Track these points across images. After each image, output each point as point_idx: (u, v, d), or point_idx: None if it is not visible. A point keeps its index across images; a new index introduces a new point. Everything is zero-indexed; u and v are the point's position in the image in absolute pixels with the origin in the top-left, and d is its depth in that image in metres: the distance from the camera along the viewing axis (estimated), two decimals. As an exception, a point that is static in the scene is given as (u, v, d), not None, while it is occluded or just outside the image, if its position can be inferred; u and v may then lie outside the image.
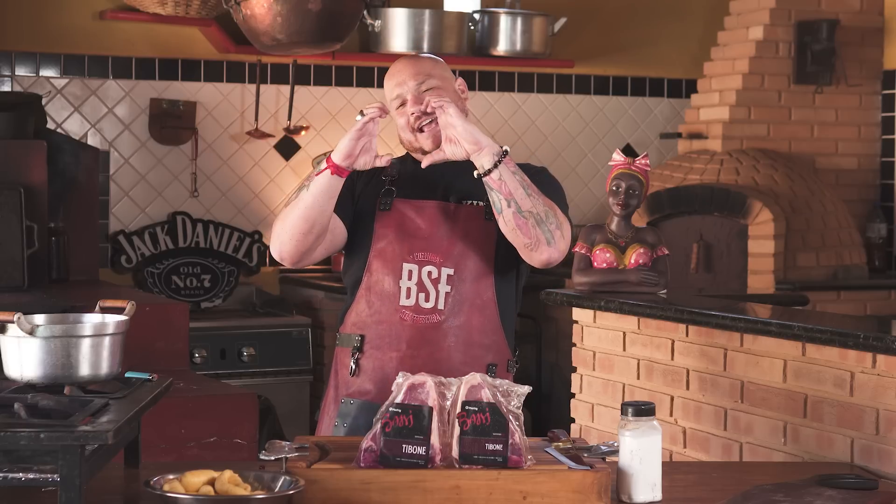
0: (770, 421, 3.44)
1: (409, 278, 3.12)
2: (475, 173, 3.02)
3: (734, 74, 6.66)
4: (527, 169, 3.18)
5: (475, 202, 3.16)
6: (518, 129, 6.94)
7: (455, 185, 3.18)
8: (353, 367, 3.16)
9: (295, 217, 3.04)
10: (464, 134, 3.01)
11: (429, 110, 3.08)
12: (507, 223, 3.02)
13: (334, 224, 3.12)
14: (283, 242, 3.07)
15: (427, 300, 3.11)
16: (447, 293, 3.11)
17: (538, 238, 3.04)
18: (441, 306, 3.11)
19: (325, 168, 3.01)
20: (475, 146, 3.01)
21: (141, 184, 6.23)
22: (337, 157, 3.00)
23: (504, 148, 3.04)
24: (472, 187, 3.13)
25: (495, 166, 3.00)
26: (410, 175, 3.21)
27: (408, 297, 3.11)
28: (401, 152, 3.32)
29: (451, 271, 3.12)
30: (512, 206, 3.00)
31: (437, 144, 3.11)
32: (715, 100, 6.72)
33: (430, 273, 3.12)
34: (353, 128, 2.99)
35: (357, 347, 3.15)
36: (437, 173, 3.17)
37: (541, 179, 3.17)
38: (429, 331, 3.10)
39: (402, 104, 3.18)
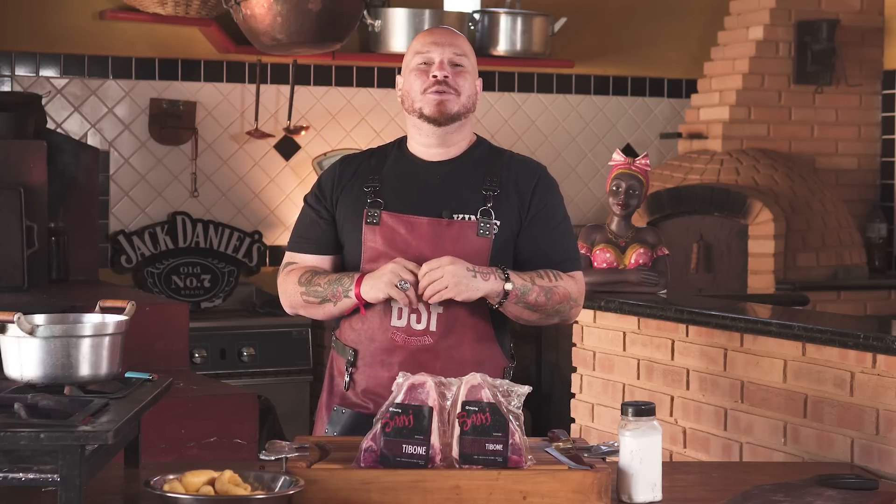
0: (770, 421, 3.44)
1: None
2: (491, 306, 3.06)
3: (734, 74, 6.66)
4: (525, 170, 3.15)
5: (467, 217, 3.07)
6: (518, 129, 6.94)
7: (446, 198, 3.10)
8: (348, 380, 3.14)
9: (316, 314, 3.15)
10: (468, 295, 3.00)
11: (432, 299, 2.99)
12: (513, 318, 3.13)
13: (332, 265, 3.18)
14: (300, 314, 3.21)
15: (419, 322, 3.05)
16: (439, 314, 3.05)
17: (551, 322, 3.16)
18: (433, 328, 3.05)
19: (355, 300, 3.04)
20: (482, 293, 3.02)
21: (141, 184, 6.23)
22: (370, 301, 3.03)
23: (506, 288, 3.01)
24: (463, 198, 3.08)
25: (499, 305, 3.04)
26: (396, 180, 3.13)
27: (399, 317, 3.06)
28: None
29: None
30: (521, 321, 3.12)
31: (441, 111, 3.06)
32: (715, 100, 6.72)
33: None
34: (392, 293, 2.98)
35: (351, 362, 3.12)
36: (425, 179, 3.12)
37: (539, 221, 3.14)
38: (420, 353, 3.05)
39: (426, 63, 3.10)
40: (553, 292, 3.05)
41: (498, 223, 3.07)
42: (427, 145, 3.14)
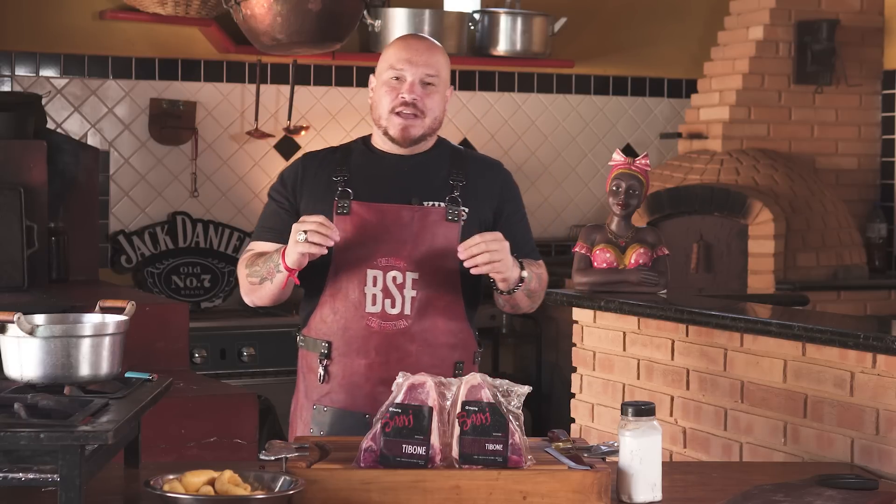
0: (770, 421, 3.44)
1: (374, 284, 3.11)
2: (494, 285, 3.11)
3: (734, 74, 6.66)
4: (488, 168, 3.25)
5: (436, 203, 3.14)
6: (518, 129, 6.93)
7: (415, 186, 3.16)
8: (322, 373, 3.15)
9: (262, 296, 3.19)
10: (508, 275, 3.07)
11: (483, 268, 3.01)
12: (501, 305, 3.22)
13: None
14: (255, 304, 3.25)
15: (393, 306, 3.10)
16: (413, 297, 3.10)
17: (529, 310, 3.28)
18: (408, 311, 3.10)
19: (285, 272, 3.06)
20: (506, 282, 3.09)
21: (141, 184, 6.23)
22: (294, 266, 3.05)
23: (522, 275, 3.11)
24: (432, 186, 3.15)
25: (510, 292, 3.12)
26: (365, 172, 3.19)
27: (374, 303, 3.10)
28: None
29: (415, 275, 3.11)
30: (508, 306, 3.21)
31: (404, 136, 3.15)
32: (715, 100, 6.71)
33: (394, 278, 3.11)
34: (298, 249, 2.99)
35: (325, 354, 3.14)
36: (393, 170, 3.18)
37: (512, 217, 3.24)
38: (396, 337, 3.10)
39: (397, 80, 3.16)
40: (541, 278, 3.21)
41: (466, 210, 3.14)
42: (392, 149, 3.23)
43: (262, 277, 3.13)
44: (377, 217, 3.12)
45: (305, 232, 2.96)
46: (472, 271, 3.00)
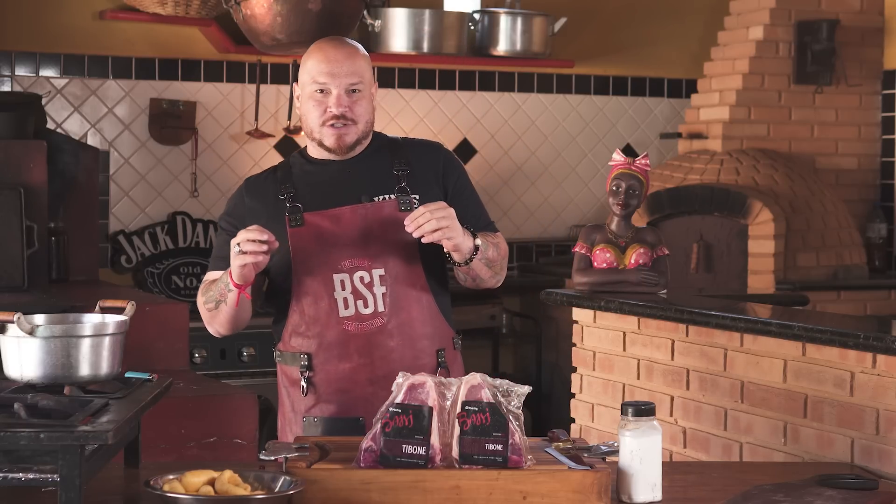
0: (770, 421, 3.44)
1: (343, 288, 3.11)
2: (450, 260, 3.13)
3: (734, 74, 6.66)
4: (428, 150, 3.27)
5: (386, 196, 3.16)
6: (518, 129, 6.93)
7: (361, 184, 3.18)
8: (305, 386, 3.15)
9: (221, 322, 3.16)
10: (459, 242, 3.06)
11: (433, 235, 3.01)
12: (462, 280, 3.23)
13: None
14: (220, 332, 3.22)
15: (366, 306, 3.11)
16: (384, 293, 3.11)
17: (493, 282, 3.27)
18: (382, 308, 3.11)
19: (235, 290, 3.04)
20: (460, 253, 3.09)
21: (141, 184, 6.23)
22: (240, 281, 3.02)
23: (476, 243, 3.11)
24: (378, 181, 3.16)
25: (466, 263, 3.12)
26: (309, 182, 3.20)
27: (346, 307, 3.11)
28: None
29: (381, 271, 3.12)
30: (469, 280, 3.22)
31: (340, 145, 3.16)
32: (715, 100, 6.71)
33: (362, 278, 3.11)
34: (237, 262, 2.98)
35: (305, 366, 3.14)
36: (335, 175, 3.19)
37: (461, 193, 3.24)
38: (375, 335, 3.11)
39: (322, 92, 3.16)
40: (499, 247, 3.21)
41: (416, 197, 3.15)
42: (330, 157, 3.23)
43: (216, 301, 3.13)
44: (331, 222, 3.13)
45: (238, 244, 2.96)
46: (424, 240, 3.00)
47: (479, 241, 3.11)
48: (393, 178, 3.19)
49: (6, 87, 5.95)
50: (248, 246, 2.94)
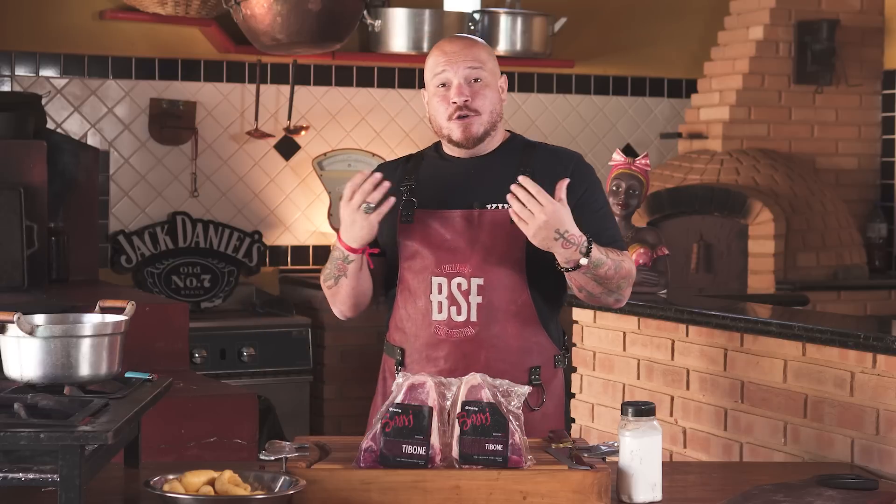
0: (770, 421, 3.44)
1: (440, 292, 3.06)
2: (559, 266, 2.98)
3: (734, 74, 6.66)
4: (559, 159, 3.14)
5: (499, 206, 3.06)
6: (518, 129, 6.80)
7: (478, 189, 3.10)
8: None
9: (343, 298, 3.13)
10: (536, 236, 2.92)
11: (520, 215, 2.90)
12: (577, 292, 3.08)
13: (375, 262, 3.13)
14: (343, 313, 3.18)
15: (459, 313, 3.05)
16: (479, 304, 3.04)
17: (607, 300, 3.10)
18: (474, 318, 3.04)
19: (349, 255, 3.02)
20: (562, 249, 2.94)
21: (141, 184, 6.23)
22: (356, 244, 3.01)
23: (580, 262, 2.95)
24: (495, 189, 3.06)
25: (566, 271, 2.98)
26: (430, 179, 3.16)
27: (440, 311, 3.06)
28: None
29: (480, 281, 3.05)
30: (583, 292, 3.05)
31: (467, 136, 3.09)
32: (715, 100, 6.71)
33: (459, 285, 3.05)
34: (361, 220, 2.96)
35: (399, 361, 3.12)
36: (458, 175, 3.14)
37: (586, 207, 3.07)
38: (464, 344, 3.04)
39: (444, 86, 3.11)
40: (620, 267, 3.03)
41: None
42: (460, 153, 3.17)
43: (336, 277, 3.09)
44: (439, 223, 3.08)
45: (371, 205, 2.94)
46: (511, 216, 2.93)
47: (584, 262, 2.93)
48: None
49: (6, 87, 5.95)
50: (358, 197, 2.93)
